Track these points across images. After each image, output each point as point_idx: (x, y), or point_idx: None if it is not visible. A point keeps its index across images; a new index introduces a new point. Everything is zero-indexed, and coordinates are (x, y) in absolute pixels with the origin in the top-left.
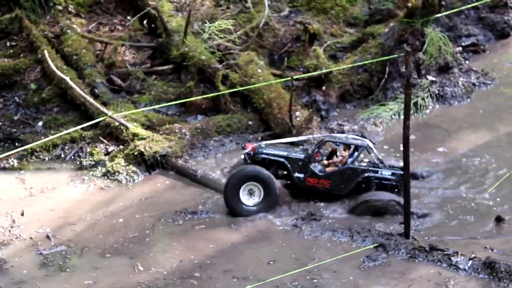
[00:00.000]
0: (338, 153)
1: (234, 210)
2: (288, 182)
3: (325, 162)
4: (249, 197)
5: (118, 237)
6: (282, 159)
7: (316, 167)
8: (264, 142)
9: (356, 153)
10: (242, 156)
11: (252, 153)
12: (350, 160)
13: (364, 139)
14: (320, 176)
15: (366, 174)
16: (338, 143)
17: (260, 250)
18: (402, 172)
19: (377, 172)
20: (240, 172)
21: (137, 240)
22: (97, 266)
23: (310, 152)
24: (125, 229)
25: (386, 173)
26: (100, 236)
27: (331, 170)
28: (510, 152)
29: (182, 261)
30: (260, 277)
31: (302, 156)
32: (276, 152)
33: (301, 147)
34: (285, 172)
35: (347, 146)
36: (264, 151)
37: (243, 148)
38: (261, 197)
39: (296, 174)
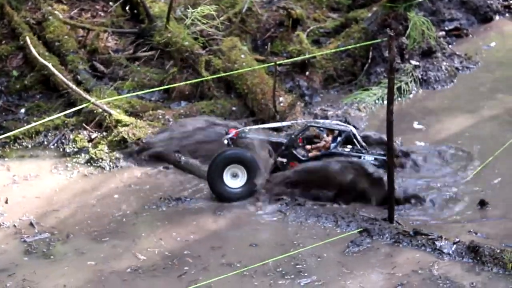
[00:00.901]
0: (321, 138)
1: (218, 193)
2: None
3: (308, 147)
4: (233, 180)
5: (102, 224)
6: (265, 144)
7: (299, 152)
8: (248, 127)
9: (339, 138)
10: (226, 141)
11: (235, 137)
12: (333, 145)
13: (347, 124)
14: (303, 160)
15: (349, 159)
16: (321, 128)
17: (244, 235)
18: (385, 158)
19: (360, 157)
20: (223, 155)
21: (122, 226)
22: (82, 252)
23: (293, 137)
24: (109, 215)
25: (369, 158)
26: (84, 222)
27: (314, 155)
28: (493, 136)
29: (169, 246)
30: (244, 263)
31: (285, 140)
32: (259, 137)
33: (285, 132)
34: None
35: (330, 131)
36: (247, 135)
37: (226, 133)
38: (245, 180)
39: (279, 159)
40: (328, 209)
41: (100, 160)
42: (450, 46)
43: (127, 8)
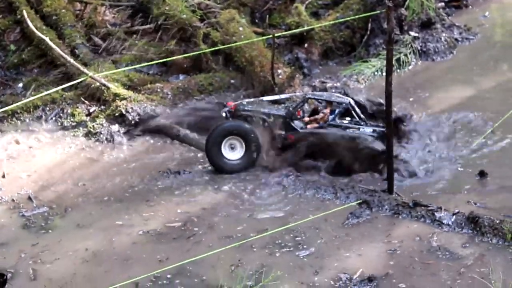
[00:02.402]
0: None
1: (217, 165)
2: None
3: (306, 119)
4: (231, 152)
5: (101, 198)
6: (264, 116)
7: (297, 125)
8: (246, 100)
9: (337, 110)
10: (224, 114)
11: (233, 110)
12: (331, 117)
13: (346, 96)
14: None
15: (347, 131)
16: (320, 101)
17: (242, 208)
18: (383, 129)
19: (358, 129)
20: (221, 126)
21: (120, 200)
22: (81, 225)
23: (291, 109)
24: (108, 189)
25: (368, 130)
26: (82, 196)
27: (312, 127)
28: (492, 107)
29: (170, 218)
30: (243, 235)
31: (283, 113)
32: (258, 109)
33: (283, 105)
34: None
35: (329, 103)
36: (246, 108)
37: (224, 106)
38: (243, 151)
39: (277, 131)
40: (327, 181)
41: (98, 134)
42: (449, 17)
43: None
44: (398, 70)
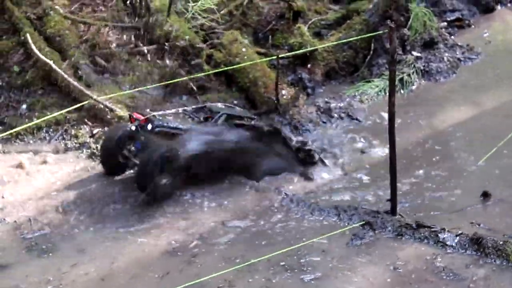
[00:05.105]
0: None
1: None
2: None
3: None
4: None
5: (104, 217)
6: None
7: None
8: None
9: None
10: (133, 128)
11: (143, 124)
12: None
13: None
14: None
15: None
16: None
17: (246, 230)
18: None
19: None
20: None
21: (125, 219)
22: (83, 249)
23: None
24: (111, 208)
25: None
26: (84, 215)
27: None
28: (496, 127)
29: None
30: (247, 258)
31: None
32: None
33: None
34: None
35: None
36: (160, 123)
37: (130, 117)
38: None
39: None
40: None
41: None
42: (452, 37)
43: (127, 2)
44: (402, 91)
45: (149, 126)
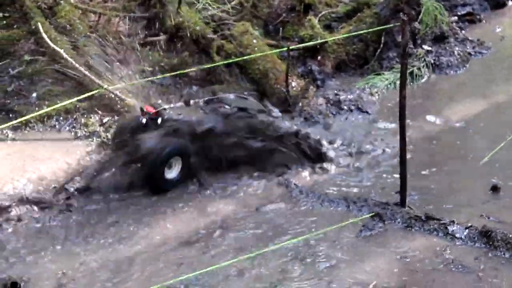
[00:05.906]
0: None
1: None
2: None
3: None
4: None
5: (114, 205)
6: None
7: None
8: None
9: None
10: (144, 121)
11: (155, 117)
12: None
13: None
14: None
15: None
16: None
17: (257, 221)
18: None
19: None
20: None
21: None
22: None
23: None
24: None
25: None
26: (96, 203)
27: None
28: (506, 120)
29: (181, 229)
30: (258, 249)
31: None
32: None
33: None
34: None
35: None
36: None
37: (142, 111)
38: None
39: None
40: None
41: None
42: (462, 31)
43: None
44: (412, 83)
45: (159, 120)
